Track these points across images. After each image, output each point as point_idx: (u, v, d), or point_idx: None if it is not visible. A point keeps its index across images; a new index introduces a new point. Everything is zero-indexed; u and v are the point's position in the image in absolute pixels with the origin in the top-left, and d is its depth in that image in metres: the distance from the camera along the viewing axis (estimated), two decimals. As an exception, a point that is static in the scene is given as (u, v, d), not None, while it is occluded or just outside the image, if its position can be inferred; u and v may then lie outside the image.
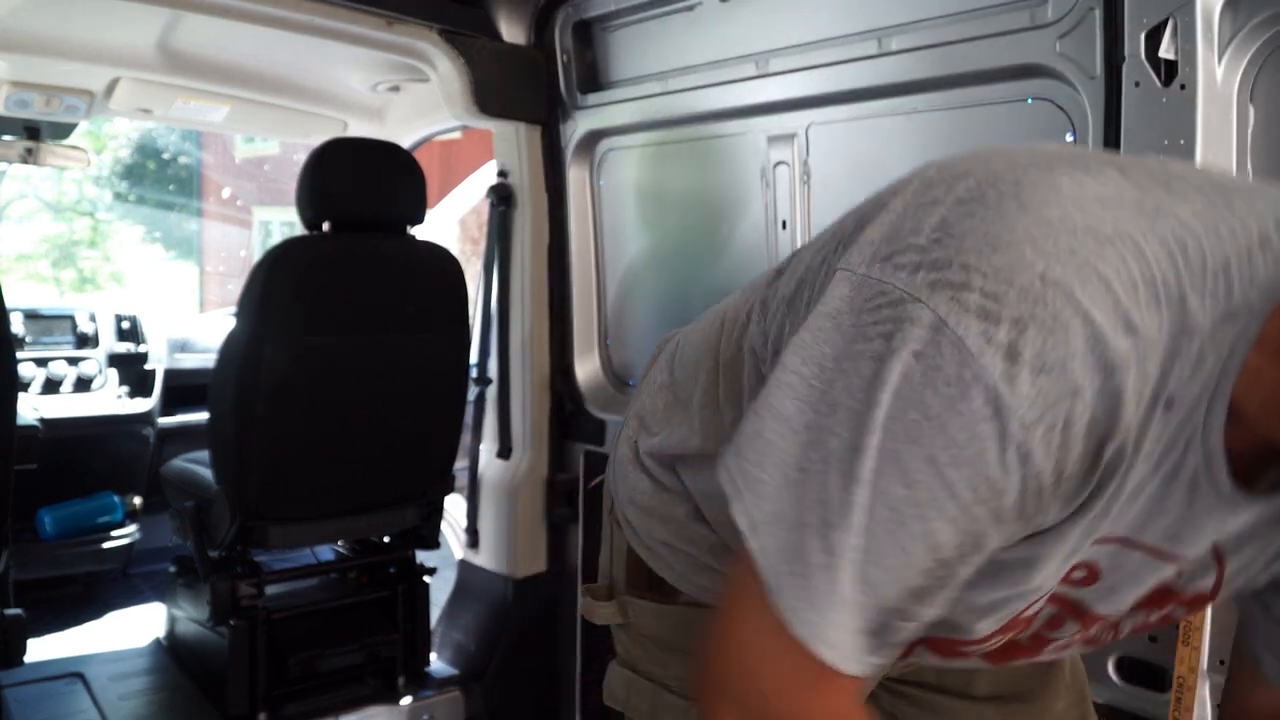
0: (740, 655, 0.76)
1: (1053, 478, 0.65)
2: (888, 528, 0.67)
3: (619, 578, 1.12)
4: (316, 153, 2.23)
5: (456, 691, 2.49)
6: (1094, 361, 0.63)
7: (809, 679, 0.72)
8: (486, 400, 2.63)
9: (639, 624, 1.10)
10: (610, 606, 1.12)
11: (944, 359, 0.64)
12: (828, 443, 0.68)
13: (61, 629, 3.01)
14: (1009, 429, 0.63)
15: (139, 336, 3.50)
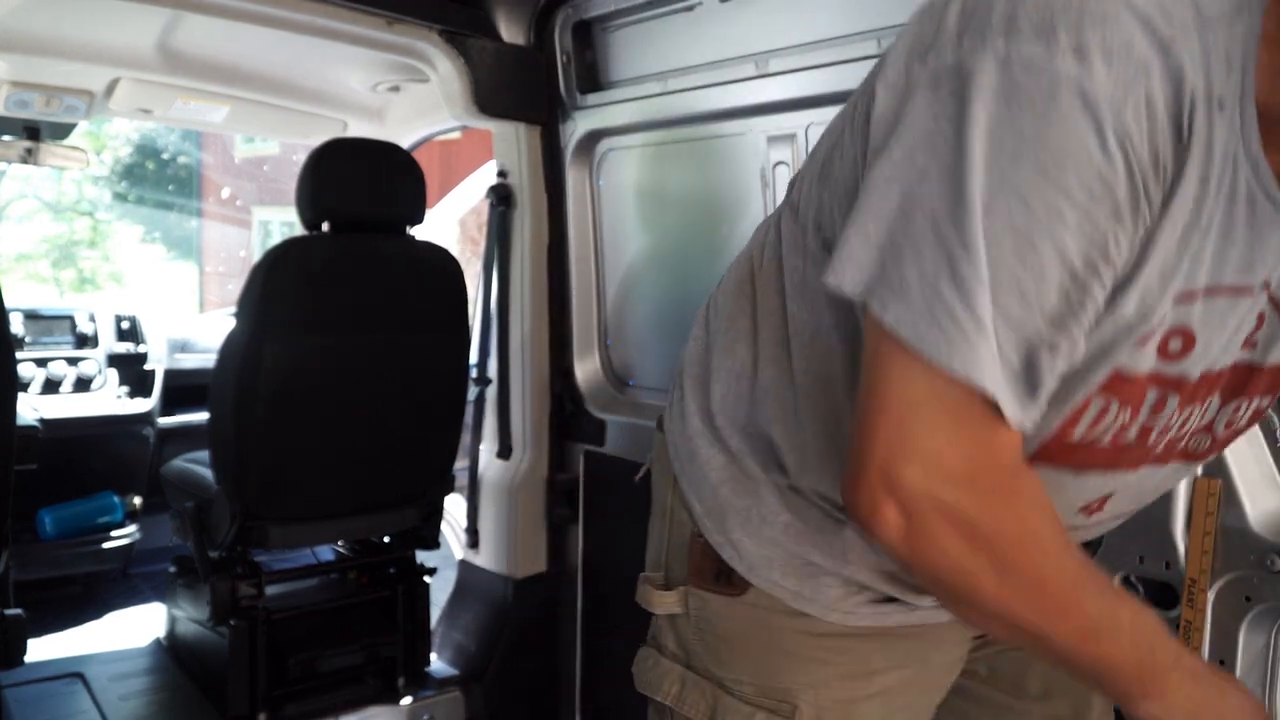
0: (900, 426, 0.75)
1: (1150, 158, 0.69)
2: (1016, 252, 0.69)
3: (677, 567, 1.06)
4: (316, 153, 2.23)
5: (456, 692, 2.49)
6: (1151, 40, 0.67)
7: (976, 425, 0.73)
8: (486, 400, 2.63)
9: (701, 617, 1.04)
10: (672, 595, 1.06)
11: (1021, 81, 0.67)
12: (933, 201, 0.71)
13: (61, 629, 3.01)
14: (1102, 116, 0.67)
15: (139, 337, 3.50)
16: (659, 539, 1.10)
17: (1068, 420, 0.81)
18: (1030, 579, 0.77)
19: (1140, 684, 0.82)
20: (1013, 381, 0.72)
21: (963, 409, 0.72)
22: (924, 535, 0.75)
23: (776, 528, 0.97)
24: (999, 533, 0.75)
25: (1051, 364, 0.72)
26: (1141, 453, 0.87)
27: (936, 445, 0.74)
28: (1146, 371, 0.79)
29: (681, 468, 1.05)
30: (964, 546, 0.75)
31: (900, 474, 0.74)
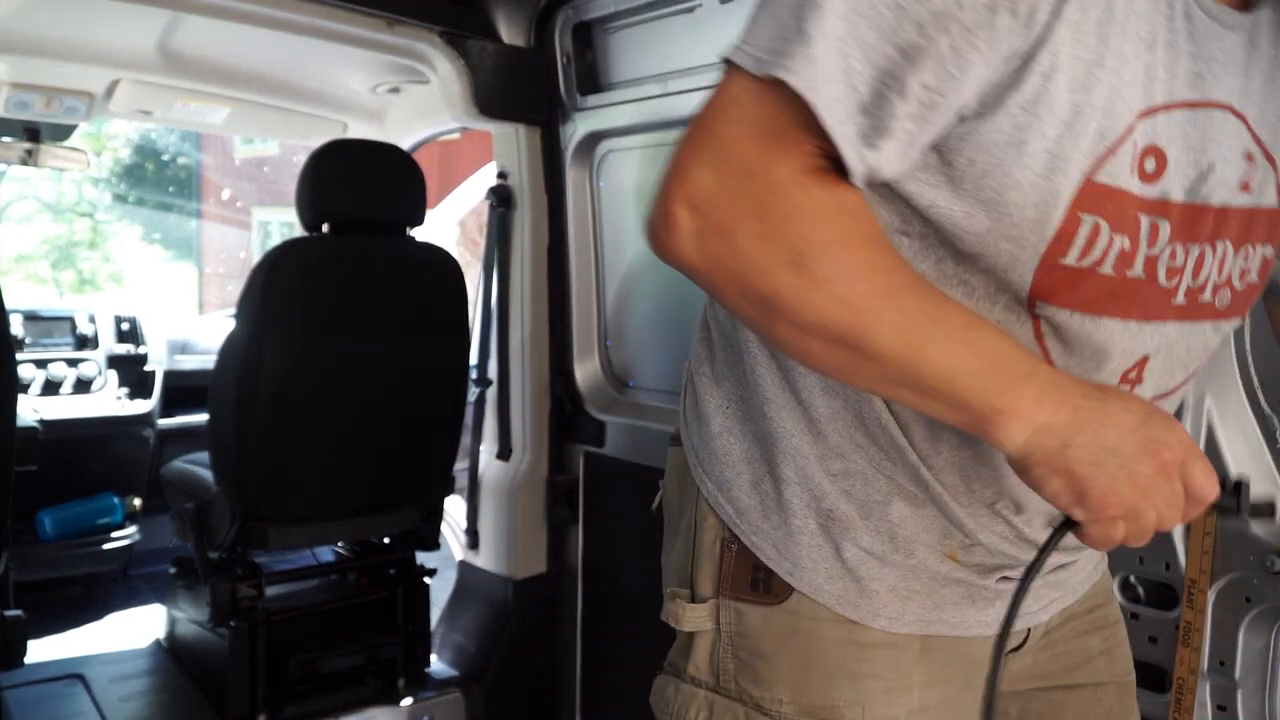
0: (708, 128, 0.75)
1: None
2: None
3: (706, 580, 0.98)
4: (316, 154, 2.23)
5: (457, 692, 2.49)
6: None
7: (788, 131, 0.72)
8: (486, 401, 2.63)
9: (736, 632, 0.96)
10: (704, 608, 0.98)
11: None
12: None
13: (62, 630, 3.01)
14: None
15: (139, 338, 3.50)
16: (682, 554, 1.02)
17: (1056, 237, 0.77)
18: (834, 273, 0.73)
19: (988, 399, 0.74)
20: (855, 110, 0.71)
21: (780, 116, 0.72)
22: (713, 231, 0.74)
23: (823, 515, 0.92)
24: (795, 222, 0.73)
25: (900, 106, 0.71)
26: (1159, 297, 0.83)
27: (734, 136, 0.74)
28: (1130, 191, 0.78)
29: (707, 472, 1.00)
30: (755, 239, 0.73)
31: (693, 170, 0.74)
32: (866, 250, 0.75)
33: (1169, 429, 0.75)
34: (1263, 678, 1.34)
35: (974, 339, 0.75)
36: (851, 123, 0.72)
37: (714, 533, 0.98)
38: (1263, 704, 1.34)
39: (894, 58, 0.70)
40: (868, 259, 0.75)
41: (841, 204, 0.74)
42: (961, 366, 0.74)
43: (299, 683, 2.33)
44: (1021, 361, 0.75)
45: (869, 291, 0.74)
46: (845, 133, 0.72)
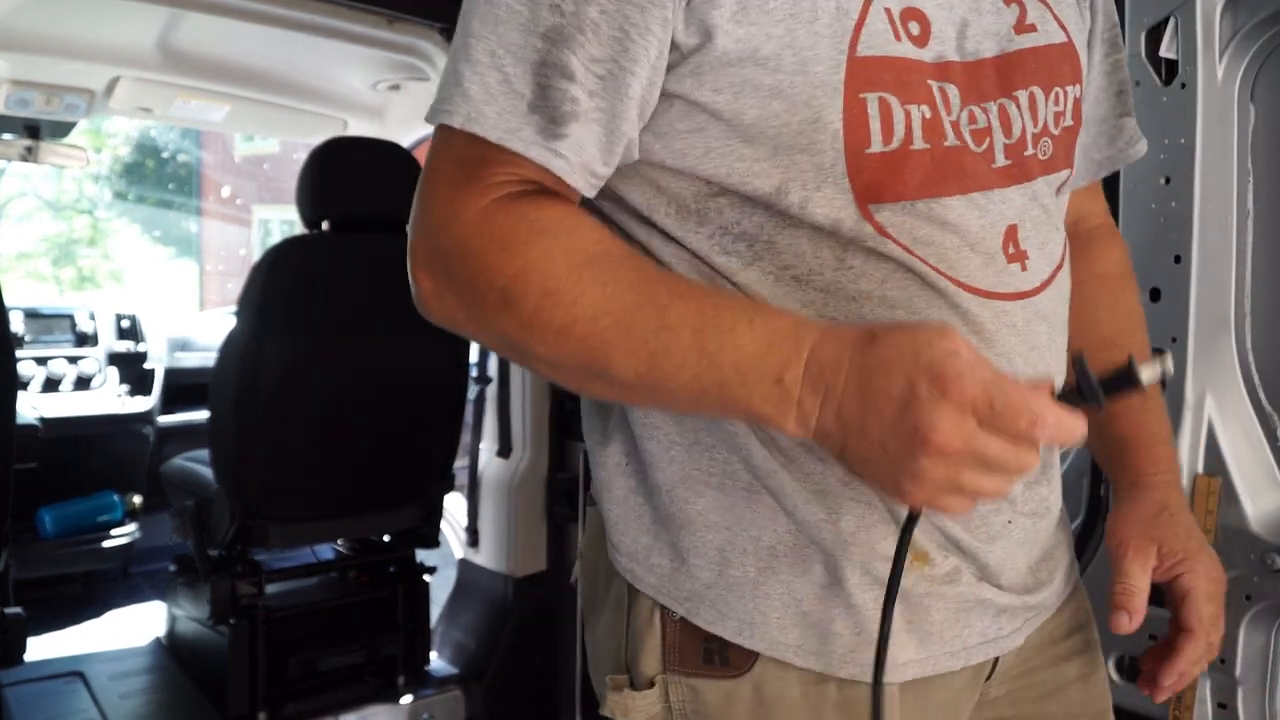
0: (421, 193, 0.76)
1: None
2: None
3: (646, 657, 0.84)
4: (316, 152, 2.23)
5: (457, 690, 2.49)
6: None
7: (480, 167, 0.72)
8: (486, 399, 2.63)
9: (692, 711, 0.82)
10: (653, 693, 0.83)
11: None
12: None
13: (61, 628, 3.01)
14: None
15: (139, 335, 3.50)
16: (610, 636, 0.88)
17: (848, 126, 0.72)
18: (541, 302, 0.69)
19: (748, 407, 0.68)
20: (525, 113, 0.71)
21: (464, 157, 0.73)
22: (443, 286, 0.74)
23: (764, 555, 0.80)
24: (490, 255, 0.71)
25: (568, 89, 0.70)
26: (981, 164, 0.78)
27: (432, 190, 0.75)
28: (907, 57, 0.74)
29: (616, 545, 0.87)
30: (466, 285, 0.73)
31: (413, 233, 0.76)
32: (570, 265, 0.70)
33: (935, 400, 0.62)
34: (1263, 675, 1.34)
35: (708, 344, 0.67)
36: (526, 126, 0.71)
37: (648, 603, 0.84)
38: (1263, 702, 1.34)
39: (541, 47, 0.70)
40: (571, 275, 0.69)
41: (533, 224, 0.71)
42: (703, 380, 0.68)
43: (299, 681, 2.33)
44: (770, 359, 0.67)
45: (582, 315, 0.69)
46: (523, 137, 0.71)
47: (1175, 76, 1.36)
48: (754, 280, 0.77)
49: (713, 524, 0.81)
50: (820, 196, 0.74)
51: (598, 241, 0.72)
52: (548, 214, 0.72)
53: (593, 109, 0.71)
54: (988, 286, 0.78)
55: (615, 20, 0.70)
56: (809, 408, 0.66)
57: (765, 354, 0.67)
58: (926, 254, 0.76)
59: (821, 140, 0.73)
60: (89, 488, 3.29)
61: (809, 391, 0.66)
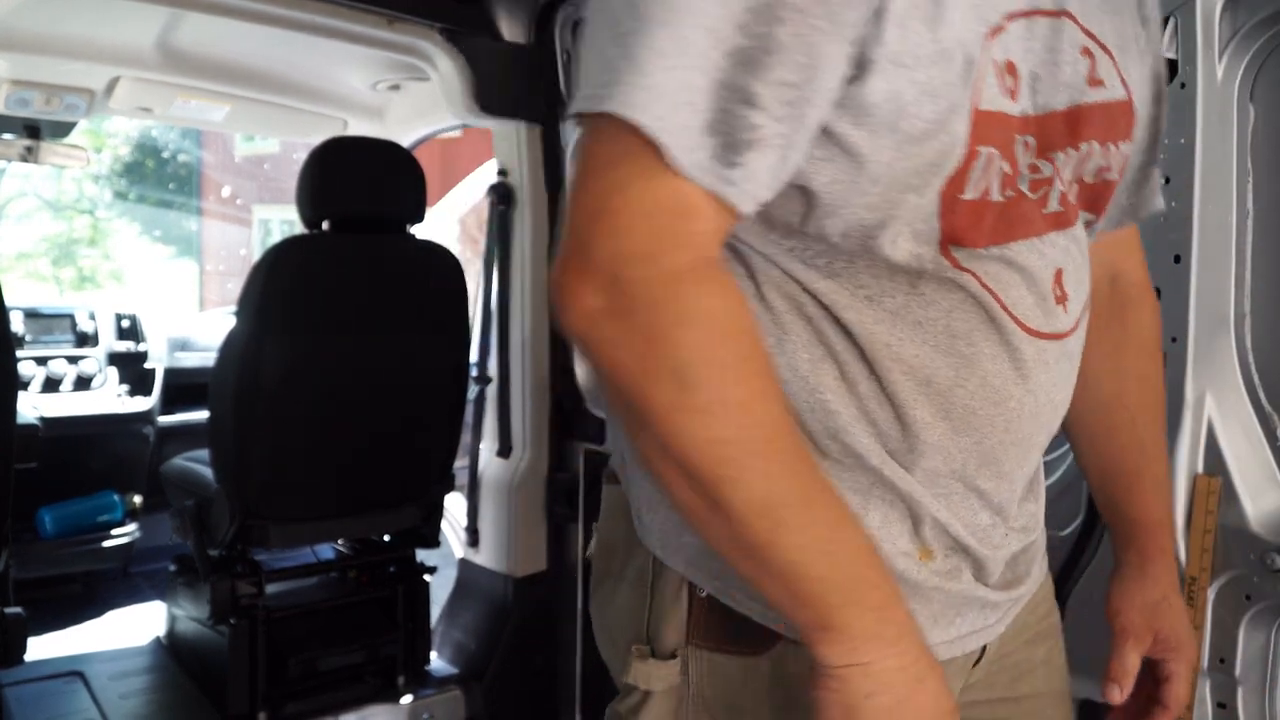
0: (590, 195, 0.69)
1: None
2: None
3: (668, 629, 0.87)
4: (316, 152, 2.23)
5: (457, 691, 2.49)
6: None
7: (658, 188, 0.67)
8: (486, 399, 2.63)
9: (708, 684, 0.86)
10: (675, 664, 0.86)
11: None
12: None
13: (61, 628, 3.01)
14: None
15: (139, 335, 3.50)
16: (636, 605, 0.90)
17: (955, 175, 0.75)
18: (714, 405, 0.68)
19: (826, 612, 0.71)
20: (706, 147, 0.67)
21: (666, 189, 0.67)
22: (610, 314, 0.68)
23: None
24: (687, 329, 0.67)
25: (750, 118, 0.67)
26: (1034, 210, 0.82)
27: (625, 207, 0.68)
28: (1008, 113, 0.77)
29: (644, 525, 0.90)
30: (644, 339, 0.68)
31: (593, 244, 0.68)
32: (753, 388, 0.70)
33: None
34: (1263, 675, 1.34)
35: (836, 544, 0.72)
36: (701, 149, 0.67)
37: (676, 578, 0.87)
38: (1263, 701, 1.34)
39: (725, 67, 0.66)
40: (756, 405, 0.70)
41: (738, 322, 0.70)
42: (813, 569, 0.71)
43: (299, 681, 2.33)
44: (875, 590, 0.73)
45: (744, 440, 0.69)
46: (698, 162, 0.67)
47: (1175, 76, 1.36)
48: (829, 290, 0.79)
49: None
50: (910, 233, 0.76)
51: (776, 381, 0.74)
52: (748, 323, 0.72)
53: (773, 135, 0.68)
54: (1037, 326, 0.83)
55: (804, 47, 0.67)
56: (879, 642, 0.72)
57: (878, 581, 0.73)
58: (996, 288, 0.80)
59: (932, 185, 0.75)
60: (89, 488, 3.29)
61: (890, 634, 0.73)
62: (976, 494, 0.87)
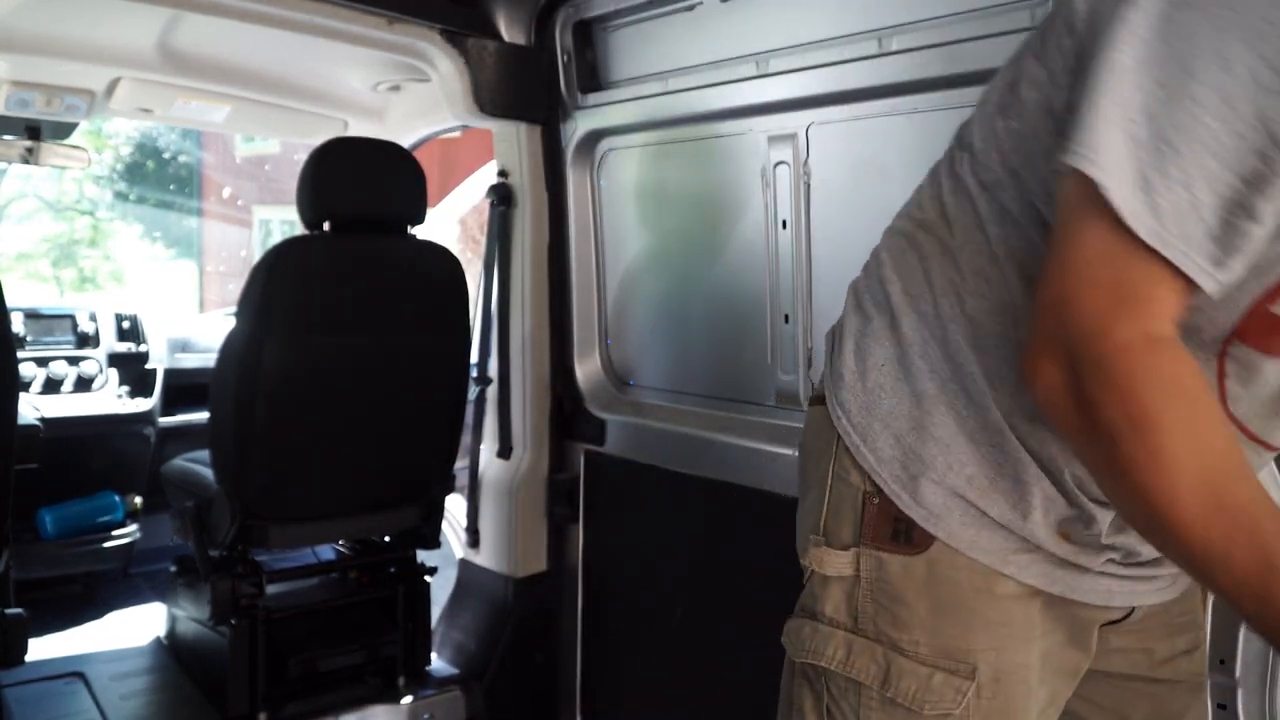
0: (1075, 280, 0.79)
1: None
2: (1218, 115, 0.74)
3: (844, 531, 1.03)
4: (317, 152, 2.23)
5: (457, 691, 2.49)
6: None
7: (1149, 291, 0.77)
8: (487, 400, 2.63)
9: (877, 579, 1.01)
10: (847, 555, 1.02)
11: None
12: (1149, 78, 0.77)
13: (62, 628, 3.00)
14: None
15: (139, 336, 3.50)
16: (818, 503, 1.06)
17: (1272, 290, 0.83)
18: (1193, 470, 0.76)
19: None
20: (1206, 251, 0.76)
21: (1132, 264, 0.76)
22: (1072, 386, 0.78)
23: (961, 479, 0.97)
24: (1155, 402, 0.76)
25: (1249, 229, 0.75)
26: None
27: (1098, 299, 0.78)
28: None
29: (854, 426, 1.03)
30: (1097, 416, 0.77)
31: (1058, 323, 0.79)
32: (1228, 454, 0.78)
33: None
34: (1263, 676, 1.34)
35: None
36: (1202, 255, 0.76)
37: (853, 487, 1.03)
38: (1263, 703, 1.34)
39: (1240, 188, 0.75)
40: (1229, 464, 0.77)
41: (1189, 394, 0.77)
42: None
43: (299, 681, 2.33)
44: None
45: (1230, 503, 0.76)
46: (1199, 265, 0.76)
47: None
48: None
49: (936, 439, 0.98)
50: (1210, 319, 0.85)
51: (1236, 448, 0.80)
52: (1200, 395, 0.79)
53: (1259, 241, 0.77)
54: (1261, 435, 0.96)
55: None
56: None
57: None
58: (1230, 386, 0.90)
59: (1251, 287, 0.82)
60: (89, 488, 3.29)
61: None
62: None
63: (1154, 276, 0.77)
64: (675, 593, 2.22)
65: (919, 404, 0.99)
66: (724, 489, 2.05)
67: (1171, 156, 0.75)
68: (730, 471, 2.04)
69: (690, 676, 2.15)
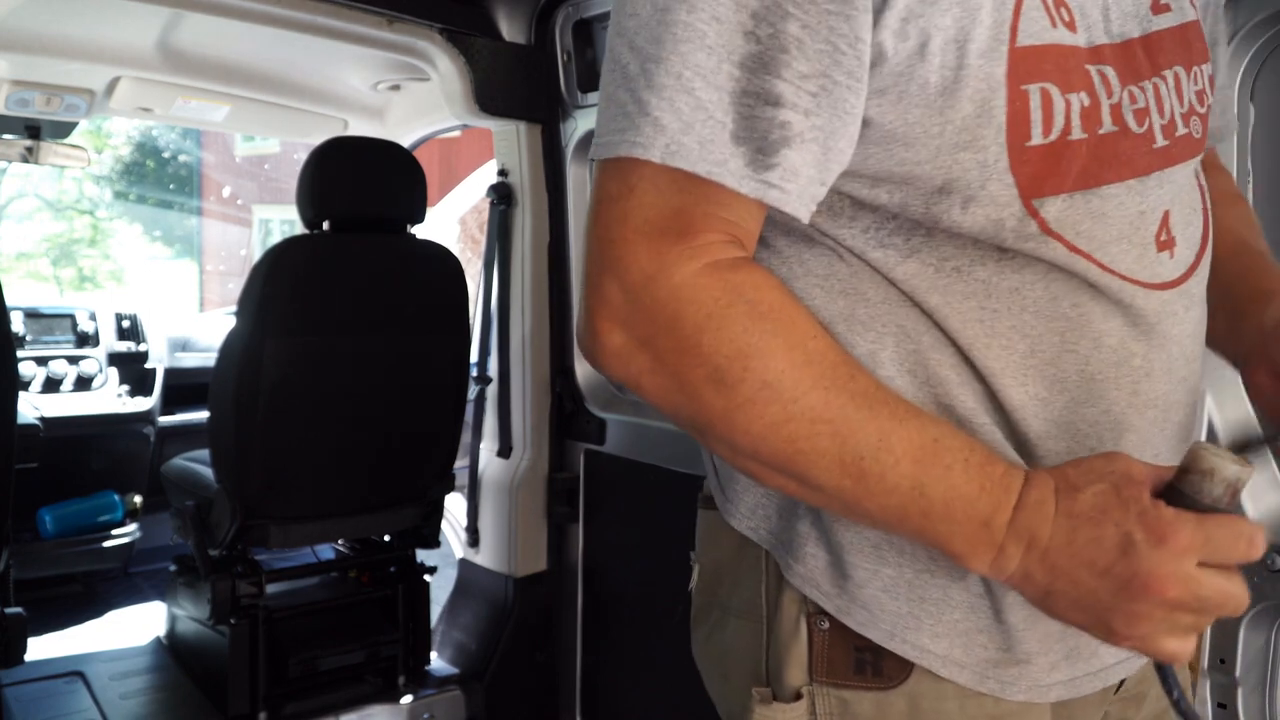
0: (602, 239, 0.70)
1: None
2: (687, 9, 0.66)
3: (790, 666, 0.81)
4: (317, 152, 2.23)
5: (457, 691, 2.49)
6: None
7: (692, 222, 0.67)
8: (486, 399, 2.63)
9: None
10: (800, 705, 0.80)
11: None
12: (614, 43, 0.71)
13: (62, 628, 3.01)
14: None
15: (139, 335, 3.50)
16: (751, 642, 0.85)
17: (1010, 121, 0.70)
18: (758, 392, 0.67)
19: (945, 543, 0.68)
20: (739, 155, 0.66)
21: (661, 198, 0.67)
22: (635, 346, 0.69)
23: (920, 553, 0.78)
24: (707, 333, 0.67)
25: (776, 116, 0.66)
26: (1141, 146, 0.77)
27: (625, 238, 0.68)
28: (1064, 44, 0.72)
29: (771, 532, 0.84)
30: (673, 354, 0.68)
31: (602, 282, 0.69)
32: (792, 361, 0.67)
33: (1152, 547, 0.64)
34: (1263, 675, 1.34)
35: (923, 476, 0.67)
36: (733, 158, 0.66)
37: (794, 608, 0.82)
38: (1263, 702, 1.34)
39: (740, 75, 0.66)
40: (794, 373, 0.67)
41: (753, 306, 0.68)
42: (908, 507, 0.68)
43: (299, 681, 2.33)
44: (980, 503, 0.67)
45: (799, 415, 0.67)
46: (732, 170, 0.66)
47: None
48: (913, 273, 0.75)
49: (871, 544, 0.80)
50: (984, 195, 0.72)
51: (814, 337, 0.69)
52: (766, 297, 0.69)
53: (808, 129, 0.67)
54: (1145, 278, 0.78)
55: (820, 34, 0.66)
56: (1010, 554, 0.68)
57: (977, 497, 0.67)
58: (1090, 248, 0.75)
59: (985, 136, 0.70)
60: (89, 488, 3.29)
61: (1013, 539, 0.67)
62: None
63: (694, 204, 0.67)
64: (675, 593, 2.21)
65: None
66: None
67: (656, 68, 0.66)
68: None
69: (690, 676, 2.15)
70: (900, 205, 0.74)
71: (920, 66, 0.69)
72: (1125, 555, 0.64)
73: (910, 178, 0.72)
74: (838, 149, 0.69)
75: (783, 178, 0.67)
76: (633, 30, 0.69)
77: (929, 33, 0.68)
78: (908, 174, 0.72)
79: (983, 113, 0.70)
